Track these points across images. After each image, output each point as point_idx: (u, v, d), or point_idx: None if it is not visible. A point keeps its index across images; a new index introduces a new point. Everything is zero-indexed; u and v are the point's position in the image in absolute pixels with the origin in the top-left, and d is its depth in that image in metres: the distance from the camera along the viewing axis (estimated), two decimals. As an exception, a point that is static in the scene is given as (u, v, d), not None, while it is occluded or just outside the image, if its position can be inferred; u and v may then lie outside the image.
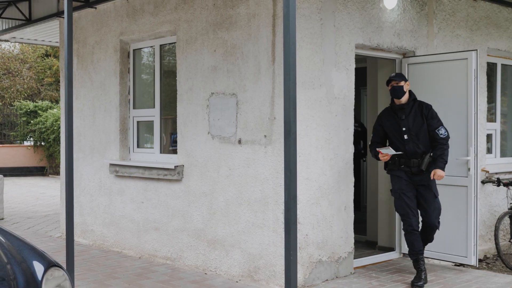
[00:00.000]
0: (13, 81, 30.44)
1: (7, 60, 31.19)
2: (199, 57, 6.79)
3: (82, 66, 8.54)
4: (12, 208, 12.66)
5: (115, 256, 7.59)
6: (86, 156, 8.45)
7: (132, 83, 8.01)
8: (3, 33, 11.04)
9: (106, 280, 6.38)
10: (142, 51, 8.06)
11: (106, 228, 8.13)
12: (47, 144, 21.11)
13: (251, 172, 6.23)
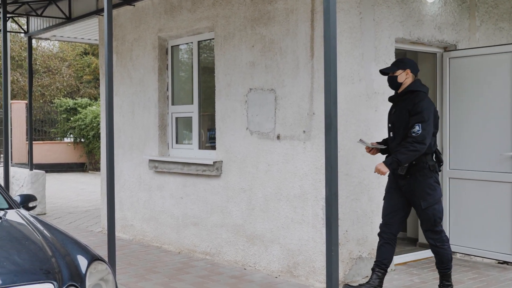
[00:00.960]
0: (53, 79, 30.94)
1: (47, 58, 31.71)
2: (237, 53, 6.79)
3: (121, 63, 8.63)
4: (54, 203, 12.87)
5: (155, 251, 7.66)
6: (126, 152, 8.53)
7: (171, 80, 8.06)
8: (44, 32, 11.23)
9: (146, 274, 6.45)
10: (180, 48, 8.10)
11: (146, 223, 8.21)
12: (86, 140, 21.39)
13: (290, 168, 6.21)
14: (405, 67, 5.52)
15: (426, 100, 5.39)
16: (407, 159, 5.26)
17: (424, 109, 5.30)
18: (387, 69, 5.62)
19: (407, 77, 5.52)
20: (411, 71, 5.55)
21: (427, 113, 5.28)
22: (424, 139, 5.23)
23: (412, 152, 5.22)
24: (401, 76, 5.53)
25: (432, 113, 5.37)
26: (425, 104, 5.33)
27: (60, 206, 12.45)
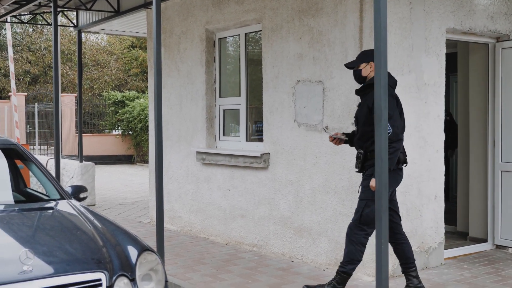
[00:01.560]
0: (101, 72, 31.44)
1: (95, 52, 32.22)
2: (285, 44, 6.76)
3: (169, 56, 8.69)
4: (103, 194, 13.09)
5: (203, 242, 7.72)
6: (174, 144, 8.60)
7: (218, 72, 8.08)
8: (93, 25, 11.39)
9: (194, 265, 6.49)
10: (227, 40, 8.11)
11: (194, 214, 8.27)
12: (134, 133, 21.67)
13: (338, 160, 6.17)
14: (368, 60, 5.25)
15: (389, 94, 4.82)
16: (392, 161, 4.97)
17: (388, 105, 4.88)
18: (351, 63, 5.40)
19: (371, 70, 5.25)
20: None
21: (391, 109, 4.93)
22: (397, 136, 5.01)
23: (392, 154, 4.97)
24: (365, 70, 5.30)
25: (396, 107, 5.12)
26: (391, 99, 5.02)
27: (109, 198, 12.65)
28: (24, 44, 32.41)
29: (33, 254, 3.57)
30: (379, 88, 4.03)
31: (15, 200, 5.09)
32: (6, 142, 5.60)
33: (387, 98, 4.07)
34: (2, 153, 5.45)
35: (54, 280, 3.52)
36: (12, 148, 5.49)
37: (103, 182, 15.53)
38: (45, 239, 4.14)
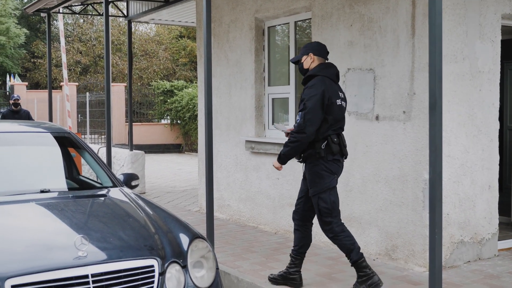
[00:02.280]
0: (150, 62, 31.79)
1: (144, 42, 32.58)
2: (335, 32, 6.70)
3: (218, 45, 8.70)
4: (152, 183, 13.26)
5: (252, 231, 7.74)
6: (223, 133, 8.63)
7: (267, 61, 8.06)
8: (143, 15, 11.51)
9: (244, 254, 6.52)
10: (276, 28, 8.08)
11: (242, 203, 8.29)
12: (182, 122, 21.86)
13: (389, 149, 6.09)
14: (308, 52, 5.27)
15: (315, 86, 5.05)
16: (289, 151, 5.10)
17: (308, 97, 5.03)
18: (294, 58, 5.43)
19: (312, 62, 5.26)
20: (315, 54, 5.26)
21: (310, 101, 4.98)
22: (303, 129, 4.99)
23: (293, 143, 5.06)
24: (306, 62, 5.29)
25: (319, 99, 5.00)
26: (310, 91, 5.05)
27: (158, 186, 12.81)
28: (75, 35, 33.01)
29: (87, 240, 3.63)
30: (433, 75, 3.95)
31: (69, 187, 5.19)
32: (60, 131, 5.72)
33: (440, 86, 4.01)
34: (56, 141, 5.56)
35: (107, 266, 3.57)
36: (66, 137, 5.60)
37: (152, 171, 15.73)
38: (98, 225, 4.21)
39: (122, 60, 30.97)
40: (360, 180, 6.42)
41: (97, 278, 3.48)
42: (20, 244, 3.74)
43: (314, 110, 4.99)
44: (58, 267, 3.44)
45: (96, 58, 32.86)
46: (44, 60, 32.50)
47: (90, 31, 32.96)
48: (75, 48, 31.95)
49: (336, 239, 5.21)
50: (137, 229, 4.19)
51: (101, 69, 32.84)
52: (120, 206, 4.71)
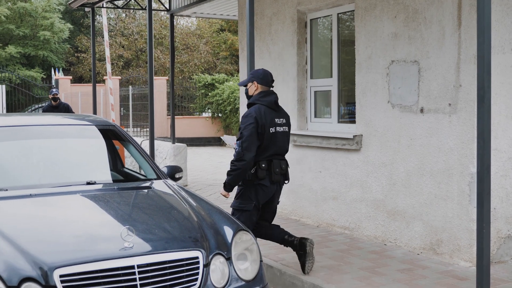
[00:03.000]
0: (191, 55, 31.97)
1: (185, 36, 32.77)
2: (379, 24, 6.62)
3: (260, 37, 8.69)
4: (194, 175, 13.34)
5: (294, 224, 7.72)
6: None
7: (309, 53, 8.02)
8: (185, 9, 11.56)
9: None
10: (319, 21, 8.03)
11: (285, 196, 8.27)
12: (223, 115, 21.94)
13: (434, 142, 6.00)
14: (252, 80, 5.61)
15: (249, 115, 5.38)
16: (233, 179, 5.40)
17: (244, 126, 5.36)
18: (241, 83, 5.77)
19: (255, 90, 5.59)
20: (258, 83, 5.57)
21: (245, 129, 5.32)
22: (241, 156, 5.31)
23: (234, 171, 5.36)
24: (250, 89, 5.64)
25: (254, 127, 5.32)
26: (246, 120, 5.38)
27: (200, 178, 12.88)
28: (117, 29, 33.40)
29: (133, 231, 3.67)
30: (482, 67, 3.88)
31: (114, 179, 5.25)
32: (105, 123, 5.79)
33: (488, 78, 3.94)
34: (101, 134, 5.63)
35: (153, 257, 3.61)
36: (111, 129, 5.66)
37: (194, 164, 15.83)
38: (143, 217, 4.25)
39: (163, 54, 31.23)
40: (404, 174, 6.35)
41: (142, 269, 3.52)
42: (67, 235, 3.80)
43: (250, 137, 5.31)
44: (104, 258, 3.49)
45: (138, 52, 33.18)
46: (87, 54, 32.97)
47: (132, 26, 33.30)
48: (117, 42, 32.33)
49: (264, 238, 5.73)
50: (182, 221, 4.22)
51: (142, 63, 33.16)
52: (165, 198, 4.75)
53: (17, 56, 30.49)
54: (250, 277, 3.96)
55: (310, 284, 5.30)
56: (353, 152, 7.00)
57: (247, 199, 5.48)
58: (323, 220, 7.55)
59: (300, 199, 7.97)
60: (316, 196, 7.67)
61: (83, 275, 3.39)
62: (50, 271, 3.34)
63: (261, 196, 5.49)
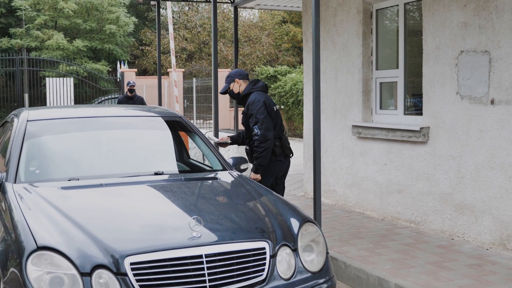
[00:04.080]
0: (253, 48, 32.04)
1: (247, 28, 32.86)
2: (447, 13, 6.47)
3: (324, 29, 8.62)
4: (257, 167, 13.35)
5: (358, 217, 7.66)
6: (329, 118, 8.57)
7: (375, 44, 7.91)
8: (249, 1, 11.58)
9: (350, 239, 6.46)
10: (385, 11, 7.90)
11: (348, 189, 8.22)
12: (286, 107, 21.88)
13: (505, 135, 5.83)
14: (233, 79, 6.20)
15: (256, 101, 5.95)
16: (263, 160, 5.88)
17: (255, 110, 5.90)
18: (222, 89, 6.32)
19: (240, 85, 6.20)
20: (240, 79, 6.20)
21: (258, 113, 5.88)
22: (266, 137, 5.84)
23: (263, 152, 5.85)
24: (235, 88, 6.21)
25: (264, 108, 5.93)
26: (253, 106, 5.93)
27: (263, 170, 12.88)
28: (180, 22, 33.78)
29: (201, 221, 3.70)
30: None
31: (180, 170, 5.32)
32: (172, 115, 5.87)
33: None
34: (168, 125, 5.71)
35: (220, 247, 3.64)
36: (178, 121, 5.73)
37: (257, 155, 15.83)
38: (210, 207, 4.29)
39: (225, 46, 31.41)
40: (473, 167, 6.19)
41: (210, 259, 3.55)
42: (136, 224, 3.88)
43: (266, 118, 5.90)
44: (173, 247, 3.54)
45: (201, 44, 33.49)
46: (151, 47, 33.49)
47: (195, 18, 33.62)
48: (180, 35, 32.70)
49: None
50: (248, 211, 4.24)
51: (205, 55, 33.45)
52: (231, 188, 4.78)
53: (84, 50, 31.23)
54: (316, 268, 3.95)
55: (375, 278, 5.25)
56: (420, 145, 6.88)
57: (265, 176, 5.96)
58: (388, 213, 7.46)
59: (364, 191, 7.89)
60: (381, 189, 7.58)
61: (153, 263, 3.45)
62: (121, 258, 3.41)
63: (277, 171, 6.09)
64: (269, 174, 6.03)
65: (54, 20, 31.79)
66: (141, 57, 35.25)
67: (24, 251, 3.44)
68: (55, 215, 3.84)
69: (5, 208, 4.15)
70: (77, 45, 30.46)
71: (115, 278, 3.37)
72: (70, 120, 5.38)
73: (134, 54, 36.20)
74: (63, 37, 30.54)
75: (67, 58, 28.74)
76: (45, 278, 3.33)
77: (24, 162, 4.72)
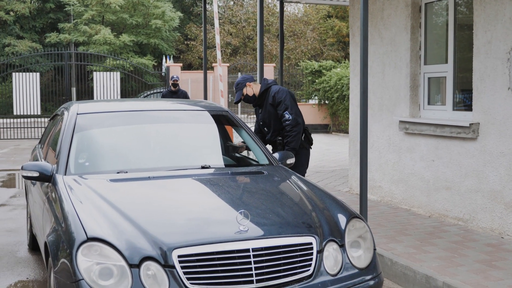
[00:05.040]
0: (297, 42, 31.98)
1: (292, 22, 32.80)
2: (499, 7, 6.32)
3: (371, 23, 8.52)
4: (301, 162, 13.31)
5: (404, 213, 7.56)
6: (375, 113, 8.47)
7: (423, 38, 7.78)
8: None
9: (397, 236, 6.39)
10: (434, 5, 7.77)
11: (394, 185, 8.12)
12: (330, 102, 21.76)
13: (559, 131, 5.68)
14: (244, 85, 6.48)
15: (280, 90, 6.37)
16: (296, 143, 6.27)
17: (282, 98, 6.29)
18: (236, 98, 6.59)
19: (252, 87, 6.50)
20: (250, 81, 6.52)
21: (286, 100, 6.29)
22: (297, 121, 6.28)
23: (296, 136, 6.25)
24: (249, 91, 6.50)
25: (290, 96, 6.38)
26: (280, 94, 6.31)
27: (307, 165, 12.84)
28: (225, 17, 33.90)
29: (248, 215, 3.71)
30: None
31: (226, 164, 5.34)
32: (218, 109, 5.89)
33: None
34: (214, 119, 5.73)
35: (267, 241, 3.64)
36: (224, 115, 5.75)
37: (301, 150, 15.78)
38: (257, 201, 4.29)
39: (270, 41, 31.41)
40: (524, 164, 6.05)
41: (257, 253, 3.55)
42: (183, 217, 3.91)
43: (295, 105, 6.35)
44: (220, 240, 3.55)
45: (245, 39, 33.56)
46: (196, 42, 33.69)
47: (240, 13, 33.69)
48: (225, 30, 32.82)
49: None
50: (295, 206, 4.23)
51: (250, 50, 33.51)
52: (277, 183, 4.77)
53: (130, 44, 31.64)
54: (363, 265, 3.91)
55: (422, 275, 5.17)
56: (469, 141, 6.74)
57: (301, 164, 6.34)
58: (435, 211, 7.34)
59: (411, 188, 7.78)
60: (428, 186, 7.46)
61: (200, 256, 3.47)
62: (169, 251, 3.44)
63: (308, 159, 6.56)
64: (304, 162, 6.42)
65: (101, 15, 32.29)
66: (186, 51, 35.52)
67: (74, 242, 3.50)
68: (104, 207, 3.90)
69: (56, 199, 4.23)
70: (123, 39, 30.88)
71: (163, 270, 3.40)
72: (119, 114, 5.45)
73: (179, 48, 36.50)
74: (110, 32, 31.01)
75: (114, 52, 29.15)
76: (95, 269, 3.38)
77: (74, 154, 4.80)
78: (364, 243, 4.02)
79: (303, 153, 6.47)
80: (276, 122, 6.40)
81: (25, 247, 6.79)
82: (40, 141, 6.94)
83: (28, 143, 19.75)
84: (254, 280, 3.47)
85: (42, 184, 4.96)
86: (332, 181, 10.46)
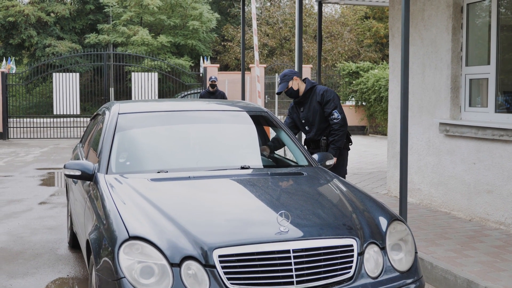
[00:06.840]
0: (334, 43, 31.84)
1: (329, 23, 32.67)
2: (545, 7, 6.19)
3: (411, 24, 8.43)
4: (338, 164, 13.24)
5: (444, 217, 7.46)
6: (415, 115, 8.37)
7: (465, 39, 7.66)
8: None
9: (437, 240, 6.30)
10: (476, 6, 7.64)
11: (434, 188, 8.02)
12: (367, 104, 21.61)
13: None
14: (291, 77, 6.47)
15: (329, 90, 6.43)
16: (343, 142, 6.34)
17: (331, 97, 6.36)
18: (281, 89, 6.53)
19: (298, 83, 6.51)
20: (297, 76, 6.54)
21: (335, 100, 6.37)
22: (345, 121, 6.35)
23: (342, 136, 6.30)
24: (294, 85, 6.48)
25: (337, 97, 6.46)
26: (328, 93, 6.38)
27: (344, 167, 12.76)
28: (262, 18, 33.93)
29: (288, 216, 3.69)
30: None
31: (265, 164, 5.33)
32: (257, 110, 5.88)
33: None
34: (253, 120, 5.72)
35: (307, 242, 3.62)
36: (263, 116, 5.74)
37: (338, 152, 15.69)
38: (297, 203, 4.26)
39: (306, 42, 31.32)
40: None
41: (297, 254, 3.53)
42: (224, 217, 3.90)
43: (341, 106, 6.43)
44: (261, 241, 3.55)
45: (282, 40, 33.54)
46: (233, 43, 33.79)
47: (277, 14, 33.68)
48: (262, 31, 32.85)
49: None
50: (335, 207, 4.20)
51: (286, 51, 33.47)
52: (317, 184, 4.74)
53: (168, 45, 31.89)
54: (404, 268, 3.87)
55: (463, 280, 5.09)
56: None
57: (343, 165, 6.46)
58: (475, 214, 7.23)
59: (451, 191, 7.67)
60: (468, 189, 7.35)
61: (241, 257, 3.46)
62: (210, 251, 3.44)
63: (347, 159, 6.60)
64: (345, 162, 6.52)
65: (140, 16, 32.62)
66: (223, 52, 35.66)
67: (116, 240, 3.53)
68: (145, 206, 3.93)
69: (98, 197, 4.28)
70: (161, 40, 31.14)
71: (204, 270, 3.40)
72: (159, 114, 5.49)
73: (216, 49, 36.65)
74: (147, 33, 31.31)
75: (151, 53, 29.41)
76: (136, 267, 3.40)
77: (115, 154, 4.85)
78: (405, 246, 3.97)
79: (344, 153, 6.54)
80: (322, 120, 6.43)
81: (65, 244, 6.89)
82: (81, 140, 7.04)
83: (67, 143, 20.06)
84: (294, 281, 3.45)
85: (83, 182, 5.02)
86: (369, 183, 10.38)
